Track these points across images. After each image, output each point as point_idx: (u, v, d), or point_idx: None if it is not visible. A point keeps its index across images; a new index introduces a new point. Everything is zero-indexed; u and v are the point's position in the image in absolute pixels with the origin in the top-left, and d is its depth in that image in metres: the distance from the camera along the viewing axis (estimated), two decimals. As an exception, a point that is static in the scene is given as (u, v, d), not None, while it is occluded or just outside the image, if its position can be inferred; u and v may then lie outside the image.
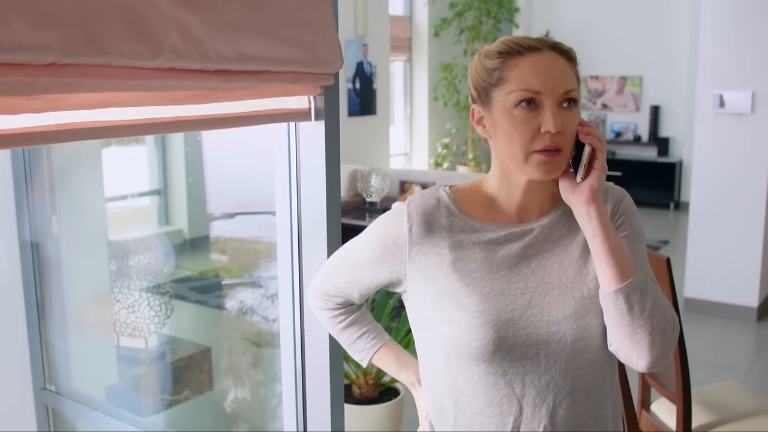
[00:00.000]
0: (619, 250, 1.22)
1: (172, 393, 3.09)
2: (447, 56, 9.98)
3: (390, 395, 3.39)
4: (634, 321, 1.19)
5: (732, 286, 5.34)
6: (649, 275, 1.28)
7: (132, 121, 1.33)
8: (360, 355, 1.53)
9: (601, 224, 1.23)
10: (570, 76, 1.25)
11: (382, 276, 1.36)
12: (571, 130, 1.24)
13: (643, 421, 2.73)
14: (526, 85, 1.22)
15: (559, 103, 1.22)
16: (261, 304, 3.08)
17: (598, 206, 1.23)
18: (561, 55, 1.25)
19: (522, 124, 1.22)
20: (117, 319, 2.91)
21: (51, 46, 1.05)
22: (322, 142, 1.67)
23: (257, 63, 1.41)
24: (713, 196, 5.32)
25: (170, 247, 3.57)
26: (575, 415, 1.28)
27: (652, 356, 1.21)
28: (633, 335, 1.20)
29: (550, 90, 1.21)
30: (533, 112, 1.22)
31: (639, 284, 1.20)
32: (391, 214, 1.36)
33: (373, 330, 1.53)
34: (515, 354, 1.25)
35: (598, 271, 1.24)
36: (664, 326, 1.20)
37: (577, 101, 1.25)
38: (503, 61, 1.24)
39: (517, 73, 1.23)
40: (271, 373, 3.01)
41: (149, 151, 3.89)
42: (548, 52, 1.24)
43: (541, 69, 1.22)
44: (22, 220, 2.50)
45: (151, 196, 4.05)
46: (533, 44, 1.24)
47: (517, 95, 1.22)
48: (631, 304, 1.19)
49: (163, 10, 1.23)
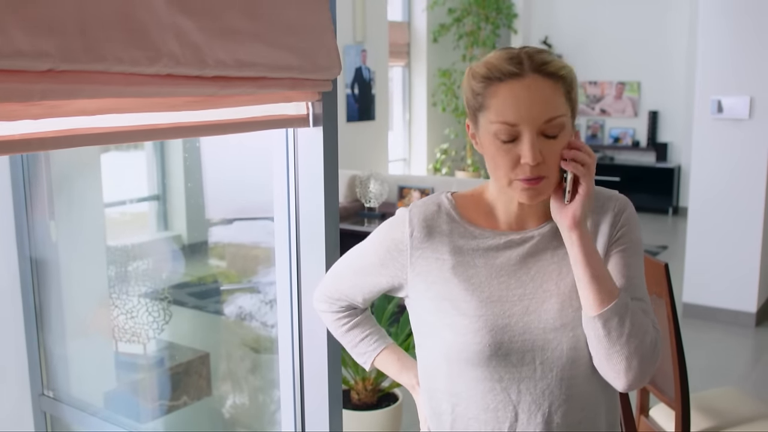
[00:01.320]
0: (600, 276, 1.21)
1: (170, 399, 3.08)
2: (445, 62, 9.99)
3: (389, 401, 3.39)
4: (611, 346, 1.20)
5: (730, 291, 5.34)
6: (640, 292, 1.28)
7: (130, 128, 1.33)
8: (363, 358, 1.54)
9: (583, 251, 1.22)
10: (554, 101, 1.19)
11: (384, 280, 1.38)
12: (554, 158, 1.21)
13: (642, 427, 2.73)
14: (503, 117, 1.19)
15: (540, 132, 1.19)
16: (259, 310, 3.07)
17: (581, 232, 1.23)
18: (547, 78, 1.19)
19: (503, 154, 1.21)
20: (115, 324, 2.90)
21: (49, 53, 1.05)
22: (320, 148, 1.68)
23: (255, 69, 1.42)
24: (711, 202, 5.32)
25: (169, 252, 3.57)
26: (571, 423, 1.28)
27: (628, 380, 1.22)
28: (609, 359, 1.21)
29: (528, 121, 1.18)
30: (512, 142, 1.20)
31: (618, 310, 1.20)
32: (393, 219, 1.38)
33: (376, 333, 1.54)
34: (511, 360, 1.26)
35: (580, 294, 1.24)
36: (641, 351, 1.21)
37: (564, 126, 1.21)
38: (485, 87, 1.21)
39: (497, 102, 1.20)
40: (269, 379, 3.00)
41: (148, 157, 3.89)
42: (530, 77, 1.18)
43: (520, 98, 1.18)
44: (20, 226, 2.50)
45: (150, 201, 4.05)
46: (514, 70, 1.19)
47: (496, 127, 1.20)
48: (608, 330, 1.20)
49: (161, 16, 1.23)
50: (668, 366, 2.42)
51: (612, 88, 10.17)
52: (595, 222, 1.32)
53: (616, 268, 1.29)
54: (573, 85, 1.23)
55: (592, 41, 10.09)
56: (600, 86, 10.24)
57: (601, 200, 1.33)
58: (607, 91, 10.21)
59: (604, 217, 1.32)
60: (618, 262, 1.29)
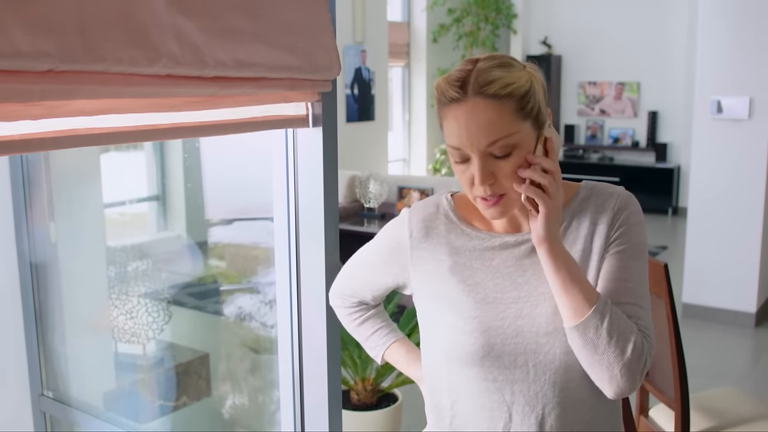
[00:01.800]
0: (573, 287, 1.19)
1: (170, 399, 3.08)
2: (445, 62, 9.99)
3: (388, 401, 3.39)
4: (592, 355, 1.19)
5: (730, 291, 5.34)
6: (636, 296, 1.25)
7: (130, 128, 1.33)
8: (374, 351, 1.58)
9: (552, 265, 1.20)
10: (498, 123, 1.16)
11: (389, 279, 1.43)
12: (509, 176, 1.20)
13: (642, 427, 2.73)
14: (450, 141, 1.21)
15: (487, 154, 1.18)
16: (259, 310, 3.07)
17: (548, 247, 1.20)
18: (489, 99, 1.16)
19: (460, 174, 1.23)
20: (115, 325, 2.90)
21: (49, 53, 1.05)
22: (319, 148, 1.68)
23: (255, 70, 1.42)
24: (711, 202, 5.32)
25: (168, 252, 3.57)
26: (565, 425, 1.28)
27: (612, 388, 1.20)
28: (591, 368, 1.21)
29: (470, 145, 1.18)
30: (465, 163, 1.21)
31: (594, 321, 1.18)
32: (396, 219, 1.42)
33: (387, 327, 1.58)
34: (504, 362, 1.26)
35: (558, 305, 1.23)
36: (624, 360, 1.18)
37: (516, 144, 1.18)
38: (439, 108, 1.23)
39: (446, 125, 1.22)
40: (269, 379, 3.01)
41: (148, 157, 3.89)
42: (471, 101, 1.17)
43: (461, 123, 1.18)
44: (20, 226, 2.50)
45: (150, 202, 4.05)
46: (454, 95, 1.18)
47: (449, 149, 1.22)
48: (586, 340, 1.19)
49: (161, 17, 1.23)
50: (668, 366, 2.42)
51: (612, 89, 10.17)
52: (593, 222, 1.29)
53: (610, 269, 1.26)
54: (527, 98, 1.19)
55: (592, 42, 10.09)
56: (600, 86, 10.25)
57: (601, 198, 1.30)
58: (607, 92, 10.21)
59: (601, 217, 1.29)
60: (613, 264, 1.26)
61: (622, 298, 1.23)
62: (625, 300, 1.23)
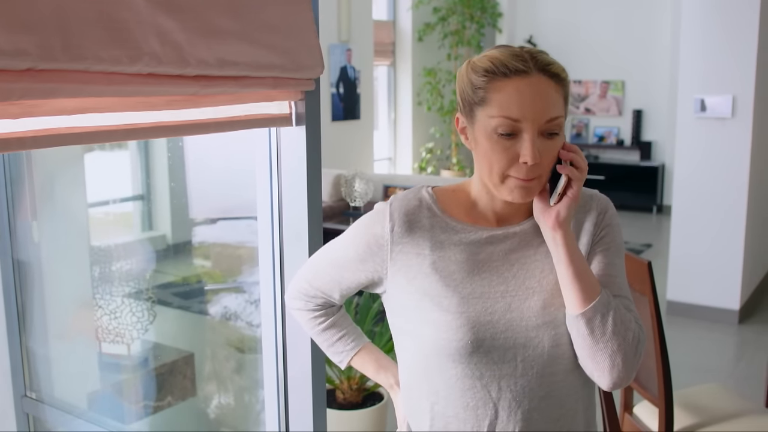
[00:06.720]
0: (582, 274, 1.23)
1: (154, 399, 3.07)
2: (431, 61, 10.00)
3: (374, 400, 3.39)
4: (595, 344, 1.21)
5: (714, 288, 5.37)
6: (624, 290, 1.29)
7: (111, 127, 1.33)
8: (339, 357, 1.52)
9: (566, 251, 1.23)
10: (556, 102, 1.20)
11: (363, 276, 1.36)
12: (550, 159, 1.22)
13: (626, 424, 2.75)
14: (508, 112, 1.18)
15: (540, 132, 1.20)
16: (244, 310, 3.07)
17: (564, 232, 1.23)
18: (550, 79, 1.20)
19: (501, 150, 1.20)
20: (99, 325, 2.89)
21: (28, 52, 1.05)
22: (303, 147, 1.68)
23: (237, 68, 1.41)
24: (695, 200, 5.35)
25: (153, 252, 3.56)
26: (550, 420, 1.29)
27: (612, 377, 1.22)
28: (593, 357, 1.22)
29: (532, 119, 1.18)
30: (513, 139, 1.19)
31: (601, 308, 1.21)
32: (373, 213, 1.36)
33: (353, 333, 1.53)
34: (493, 357, 1.25)
35: (563, 293, 1.25)
36: (625, 349, 1.21)
37: (561, 127, 1.22)
38: (488, 81, 1.20)
39: (500, 97, 1.19)
40: (254, 379, 3.00)
41: (132, 157, 3.88)
42: (536, 76, 1.19)
43: (525, 96, 1.18)
44: (2, 226, 2.48)
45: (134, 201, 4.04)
46: (521, 67, 1.19)
47: (497, 121, 1.19)
48: (591, 328, 1.21)
49: (142, 15, 1.23)
50: (652, 363, 2.43)
51: (596, 87, 10.21)
52: (579, 220, 1.32)
53: (599, 266, 1.29)
54: (569, 90, 1.26)
55: (577, 40, 10.12)
56: (584, 85, 10.28)
57: (583, 199, 1.33)
58: (592, 90, 10.25)
59: (587, 216, 1.32)
60: (601, 260, 1.30)
61: (613, 292, 1.28)
62: (615, 293, 1.28)
